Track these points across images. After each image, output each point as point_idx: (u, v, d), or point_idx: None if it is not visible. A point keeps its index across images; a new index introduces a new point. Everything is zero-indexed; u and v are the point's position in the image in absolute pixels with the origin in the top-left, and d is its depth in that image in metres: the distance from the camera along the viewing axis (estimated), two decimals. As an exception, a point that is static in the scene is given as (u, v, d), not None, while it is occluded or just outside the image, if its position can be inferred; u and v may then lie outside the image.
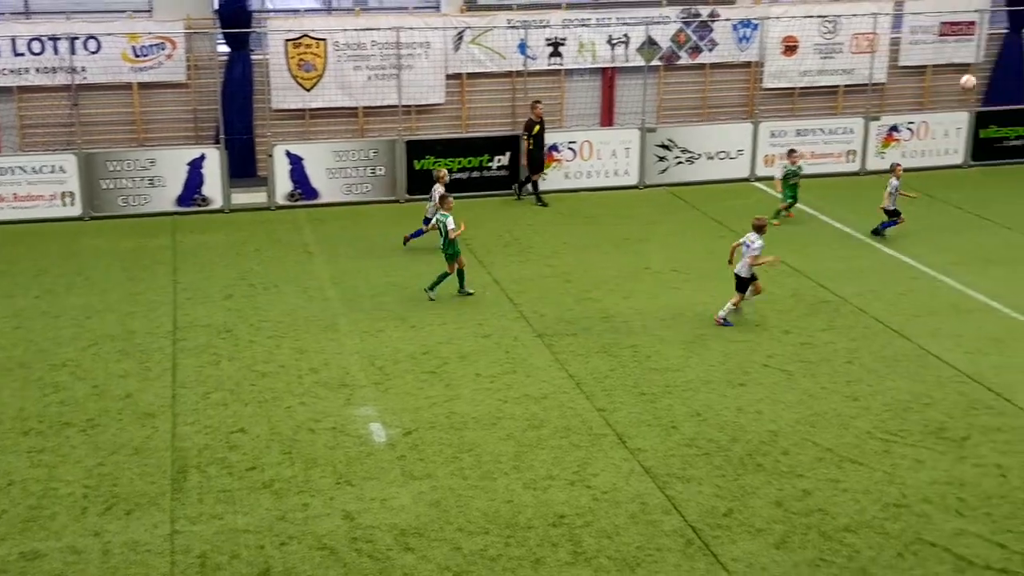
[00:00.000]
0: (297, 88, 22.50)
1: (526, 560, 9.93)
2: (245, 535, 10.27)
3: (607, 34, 23.80)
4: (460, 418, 12.63)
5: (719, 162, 23.09)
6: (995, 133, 24.36)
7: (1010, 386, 13.31)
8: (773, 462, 11.61)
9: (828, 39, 24.79)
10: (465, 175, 22.08)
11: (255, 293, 16.76)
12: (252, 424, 12.46)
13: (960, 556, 9.92)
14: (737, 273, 15.37)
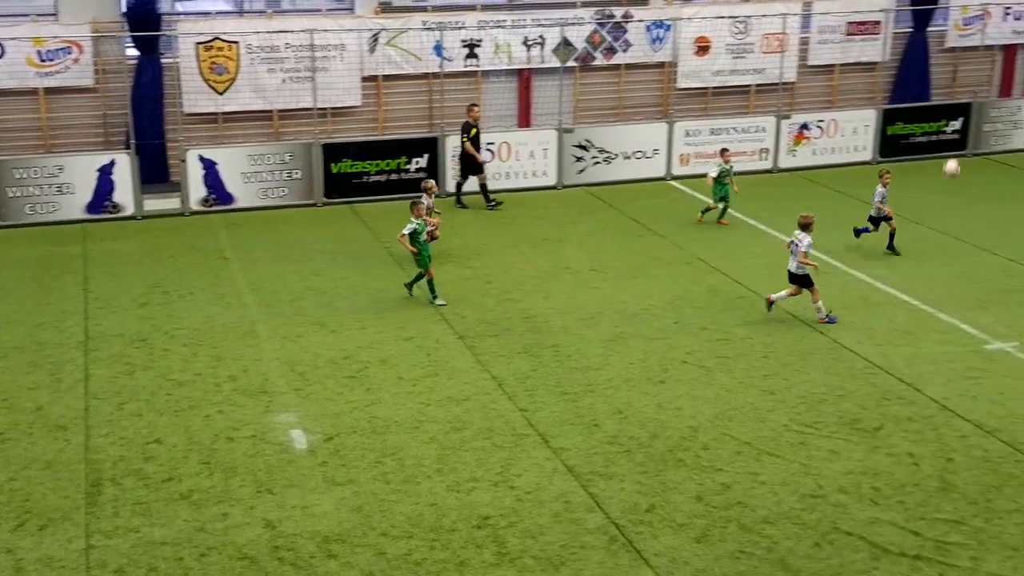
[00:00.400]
0: (209, 91, 22.16)
1: (451, 563, 9.91)
2: (163, 547, 10.07)
3: (523, 35, 23.88)
4: (382, 422, 12.55)
5: (636, 162, 23.31)
6: (902, 130, 25.00)
7: (920, 376, 13.66)
8: (693, 457, 11.76)
9: (739, 39, 25.20)
10: (383, 178, 21.96)
11: (170, 301, 16.46)
12: (168, 434, 12.23)
13: (875, 544, 10.15)
14: (791, 271, 15.50)
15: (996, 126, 25.70)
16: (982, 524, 10.45)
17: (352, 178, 21.79)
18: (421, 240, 16.06)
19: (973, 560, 9.89)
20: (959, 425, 12.41)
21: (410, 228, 16.03)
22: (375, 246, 19.14)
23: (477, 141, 21.48)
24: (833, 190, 22.71)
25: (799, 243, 15.32)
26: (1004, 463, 11.58)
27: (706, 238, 19.40)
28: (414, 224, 16.01)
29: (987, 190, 22.51)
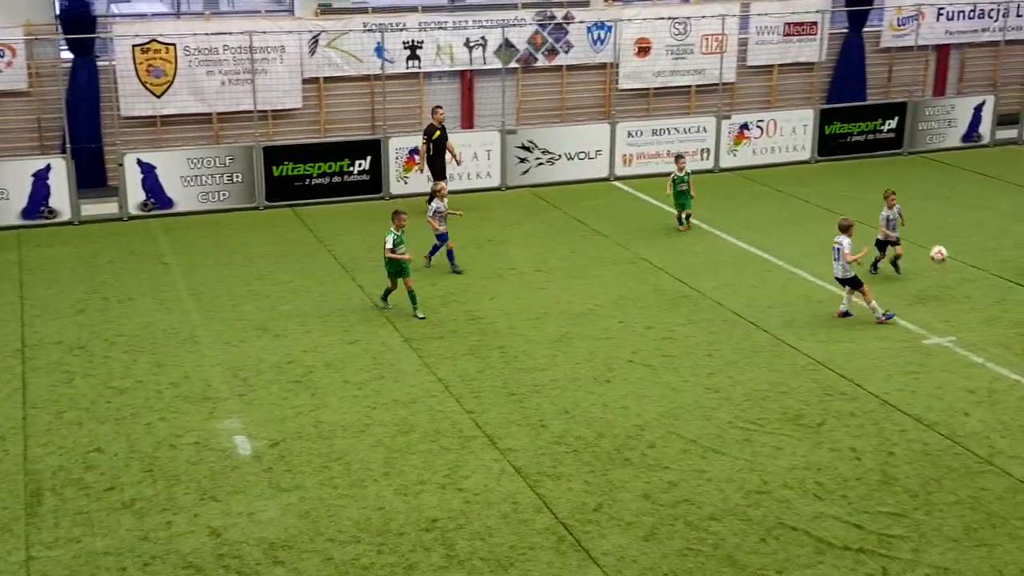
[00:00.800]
0: (147, 94, 21.84)
1: (399, 567, 9.86)
2: (105, 557, 9.90)
3: (464, 37, 23.85)
4: (328, 427, 12.45)
5: (579, 162, 23.40)
6: (839, 129, 25.37)
7: (861, 372, 13.87)
8: (640, 456, 11.82)
9: (679, 40, 25.40)
10: (325, 180, 21.81)
11: (109, 307, 16.19)
12: (109, 443, 12.03)
13: (820, 539, 10.28)
14: (838, 277, 15.52)
15: (931, 124, 26.18)
16: (923, 516, 10.63)
17: (294, 181, 21.61)
18: (402, 252, 15.56)
19: (915, 552, 10.06)
20: (899, 419, 12.62)
21: (390, 240, 15.47)
22: (318, 249, 18.99)
23: (441, 145, 20.93)
24: (773, 189, 22.98)
25: (840, 247, 15.29)
26: (943, 456, 11.79)
27: (650, 239, 19.53)
28: (395, 235, 15.47)
29: (922, 188, 22.92)
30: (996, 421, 12.56)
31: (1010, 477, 11.35)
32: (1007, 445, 12.01)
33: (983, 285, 17.00)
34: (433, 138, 20.78)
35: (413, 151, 22.24)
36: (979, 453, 11.83)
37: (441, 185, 17.85)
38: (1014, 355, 14.36)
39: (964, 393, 13.28)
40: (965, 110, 26.47)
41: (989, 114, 26.57)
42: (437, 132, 20.82)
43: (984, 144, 26.66)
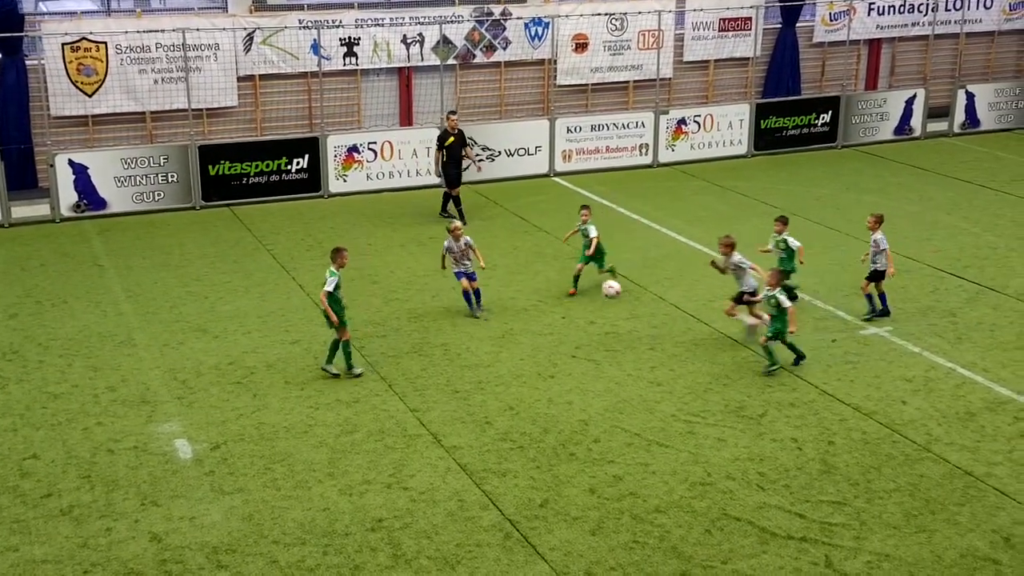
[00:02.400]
0: (78, 93, 21.42)
1: (345, 568, 9.78)
2: (44, 566, 9.69)
3: (401, 33, 23.73)
4: (270, 428, 12.31)
5: (519, 159, 23.40)
6: (775, 123, 25.67)
7: (801, 366, 14.01)
8: (585, 451, 11.85)
9: (616, 36, 25.51)
10: (263, 179, 21.56)
11: (42, 311, 15.84)
12: (45, 449, 11.77)
13: (763, 528, 10.38)
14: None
15: (864, 118, 26.60)
16: (864, 504, 10.79)
17: (231, 180, 21.34)
18: (339, 296, 13.54)
19: (856, 540, 10.21)
20: (839, 409, 12.80)
21: (332, 283, 13.37)
22: (257, 249, 18.77)
23: (456, 151, 20.16)
24: (711, 183, 23.18)
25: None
26: (882, 444, 11.99)
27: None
28: (336, 277, 13.44)
29: (856, 180, 23.29)
30: (932, 409, 12.80)
31: (947, 463, 11.57)
32: (943, 432, 12.24)
33: (917, 276, 17.32)
34: (446, 144, 20.14)
35: (352, 149, 22.08)
36: (917, 441, 12.05)
37: (456, 225, 15.72)
38: (948, 344, 14.64)
39: (901, 382, 13.51)
40: (897, 103, 26.94)
41: (920, 107, 27.08)
42: (451, 138, 20.16)
43: (916, 137, 27.16)
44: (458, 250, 15.54)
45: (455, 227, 15.64)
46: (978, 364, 14.00)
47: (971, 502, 10.85)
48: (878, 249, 15.31)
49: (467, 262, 15.62)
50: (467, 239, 15.56)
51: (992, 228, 19.86)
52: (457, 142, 20.26)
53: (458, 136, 20.28)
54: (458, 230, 15.63)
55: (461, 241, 15.51)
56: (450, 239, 15.57)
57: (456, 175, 20.28)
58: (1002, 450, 11.85)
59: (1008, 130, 28.09)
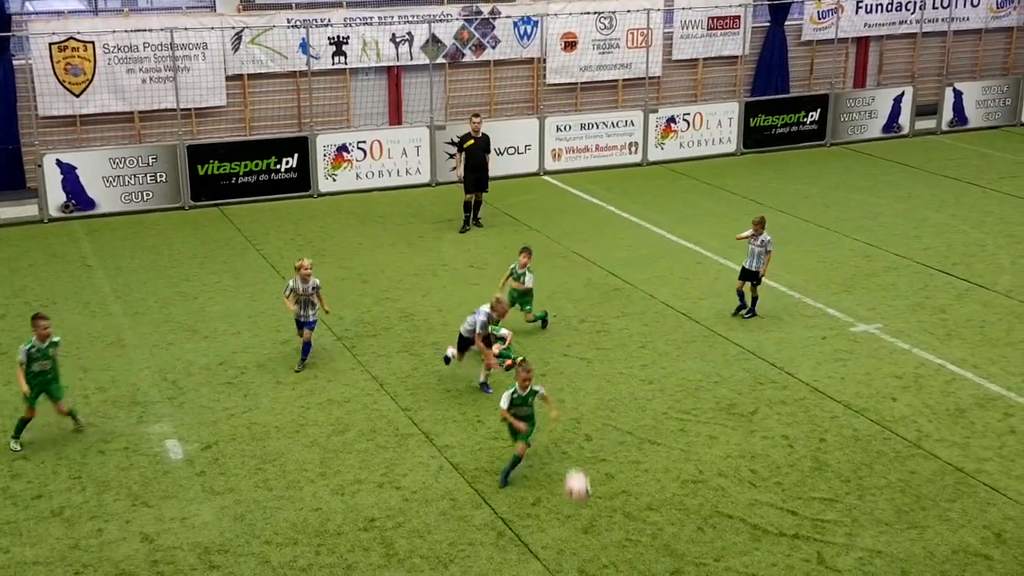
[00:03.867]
0: (65, 93, 21.32)
1: (338, 567, 9.77)
2: (35, 567, 9.66)
3: (390, 32, 23.69)
4: (261, 428, 12.28)
5: (508, 157, 23.37)
6: (764, 122, 25.70)
7: (791, 360, 14.06)
8: (577, 449, 11.85)
9: (605, 35, 25.51)
10: (252, 179, 21.50)
11: (30, 312, 15.68)
12: (36, 449, 11.72)
13: (755, 525, 10.40)
14: None
15: (852, 116, 26.65)
16: (855, 501, 10.82)
17: (220, 180, 21.27)
18: (34, 369, 11.54)
19: (848, 536, 10.23)
20: (830, 406, 12.82)
21: (24, 352, 11.50)
22: (246, 248, 18.72)
23: (475, 154, 19.44)
24: (701, 181, 23.21)
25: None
26: (873, 441, 12.02)
27: (581, 232, 19.58)
28: (34, 346, 11.49)
29: (845, 179, 23.34)
30: (923, 405, 12.84)
31: (938, 460, 11.61)
32: (934, 429, 12.28)
33: (907, 273, 17.37)
34: (465, 147, 19.64)
35: (341, 148, 22.04)
36: (907, 437, 12.08)
37: (304, 263, 13.64)
38: (938, 340, 14.69)
39: (891, 379, 13.55)
40: (885, 101, 27.01)
41: (908, 105, 27.15)
42: (470, 141, 19.60)
43: (904, 134, 27.23)
44: (303, 293, 13.56)
45: (302, 265, 13.57)
46: (968, 360, 14.05)
47: (962, 498, 10.88)
48: (765, 250, 15.09)
49: (311, 310, 13.66)
50: (316, 281, 13.66)
51: (980, 225, 19.93)
52: (478, 146, 19.62)
53: (480, 140, 19.63)
54: (306, 269, 13.53)
55: (309, 283, 13.57)
56: (296, 279, 13.59)
57: (474, 181, 19.61)
58: (992, 446, 11.90)
59: (996, 128, 28.19)
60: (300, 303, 13.68)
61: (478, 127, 19.69)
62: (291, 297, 13.71)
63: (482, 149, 19.71)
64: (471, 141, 19.65)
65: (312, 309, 13.76)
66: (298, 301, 13.67)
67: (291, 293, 13.70)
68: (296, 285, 13.64)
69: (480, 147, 19.68)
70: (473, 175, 19.67)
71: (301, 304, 13.68)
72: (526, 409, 11.17)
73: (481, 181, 19.75)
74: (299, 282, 13.62)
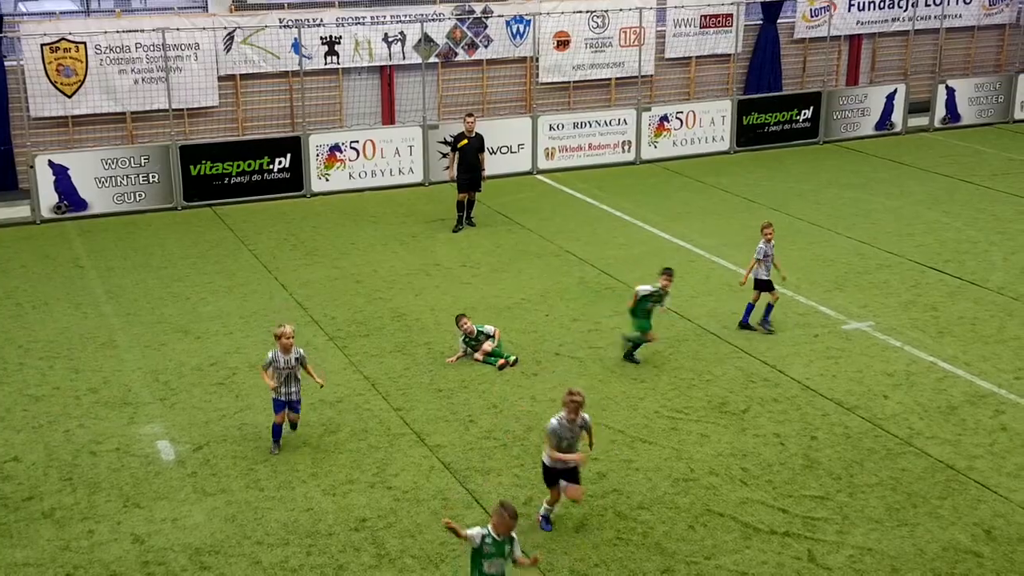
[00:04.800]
0: (57, 94, 21.29)
1: (329, 568, 9.77)
2: (26, 569, 9.65)
3: (383, 32, 23.68)
4: (253, 429, 12.27)
5: (502, 156, 23.37)
6: (757, 119, 25.72)
7: (782, 358, 14.07)
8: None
9: (598, 34, 25.51)
10: (245, 179, 21.48)
11: (23, 312, 15.75)
12: (27, 451, 11.71)
13: (746, 524, 10.41)
14: None
15: (845, 113, 26.68)
16: (846, 499, 10.83)
17: (213, 180, 21.25)
18: None
19: (839, 534, 10.25)
20: (821, 404, 12.84)
21: None
22: (239, 249, 18.70)
23: (469, 153, 19.36)
24: (694, 180, 23.22)
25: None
26: (864, 438, 12.03)
27: (574, 231, 19.59)
28: None
29: (837, 176, 23.36)
30: (914, 403, 12.86)
31: (929, 457, 11.63)
32: (925, 426, 12.29)
33: (899, 270, 17.39)
34: (459, 146, 19.52)
35: (334, 148, 22.02)
36: (898, 435, 12.10)
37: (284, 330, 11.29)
38: (930, 338, 14.71)
39: (883, 376, 13.56)
40: (878, 99, 27.03)
41: (901, 102, 27.17)
42: (464, 140, 19.47)
43: (897, 132, 27.26)
44: (285, 366, 11.28)
45: (283, 332, 11.16)
46: (959, 358, 14.07)
47: (953, 495, 10.90)
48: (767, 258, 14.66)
49: (294, 386, 11.42)
50: (300, 352, 11.34)
51: (973, 223, 19.96)
52: (472, 145, 19.53)
53: (474, 140, 19.54)
54: (287, 337, 11.13)
55: (292, 354, 11.26)
56: (276, 350, 11.21)
57: (466, 181, 19.55)
58: (983, 443, 11.92)
59: (988, 125, 28.23)
60: (281, 378, 11.27)
61: (472, 126, 19.67)
62: (270, 371, 11.27)
63: (476, 148, 19.68)
64: (464, 141, 19.60)
65: (296, 384, 11.36)
66: (279, 376, 11.31)
67: (270, 367, 11.28)
68: (276, 357, 11.23)
69: (474, 147, 19.65)
70: (467, 175, 19.64)
71: (283, 379, 11.24)
72: None
73: (474, 180, 19.77)
74: (279, 353, 11.21)
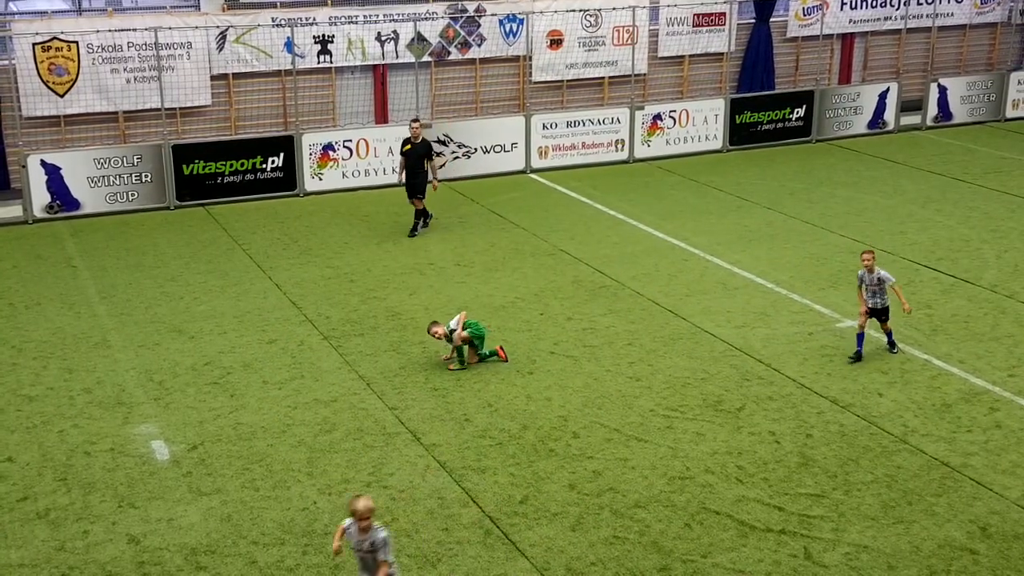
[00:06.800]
0: (49, 93, 21.22)
1: (325, 567, 9.75)
2: (21, 570, 9.61)
3: (376, 31, 23.65)
4: (248, 428, 12.25)
5: (495, 155, 23.37)
6: (749, 118, 25.75)
7: (778, 356, 14.09)
8: (564, 446, 11.85)
9: (591, 32, 25.52)
10: (238, 178, 21.43)
11: (15, 313, 15.70)
12: (20, 451, 11.67)
13: (742, 522, 10.42)
14: None
15: (837, 112, 26.72)
16: (842, 496, 10.84)
17: (205, 179, 21.20)
18: None
19: (835, 532, 10.26)
20: (816, 402, 12.85)
21: None
22: (232, 248, 18.66)
23: (412, 158, 18.97)
24: (687, 178, 23.23)
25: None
26: (859, 436, 12.05)
27: (568, 230, 19.58)
28: None
29: (830, 175, 23.40)
30: (908, 400, 12.88)
31: (924, 455, 11.65)
32: (920, 424, 12.31)
33: (892, 268, 17.31)
34: (402, 151, 19.19)
35: (327, 147, 21.99)
36: (893, 432, 12.12)
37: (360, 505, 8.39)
38: (923, 336, 14.73)
39: (877, 374, 13.58)
40: (870, 97, 27.07)
41: (893, 101, 27.22)
42: (407, 146, 19.08)
43: (889, 130, 27.30)
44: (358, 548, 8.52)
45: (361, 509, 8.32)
46: (953, 355, 14.10)
47: (948, 493, 10.92)
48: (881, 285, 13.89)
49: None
50: (383, 534, 8.44)
51: (965, 221, 20.01)
52: (415, 151, 19.04)
53: (419, 146, 19.05)
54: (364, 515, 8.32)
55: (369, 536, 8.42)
56: (351, 523, 8.46)
57: (411, 186, 19.14)
58: (978, 440, 11.94)
59: (980, 123, 28.30)
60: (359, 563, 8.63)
61: (418, 132, 19.12)
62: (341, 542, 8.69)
63: (420, 155, 19.06)
64: (408, 146, 19.11)
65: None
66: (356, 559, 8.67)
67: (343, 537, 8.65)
68: (351, 530, 8.53)
69: (418, 152, 19.04)
70: (410, 180, 19.14)
71: (360, 564, 8.64)
72: None
73: (415, 187, 19.13)
74: (355, 530, 8.49)
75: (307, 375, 13.62)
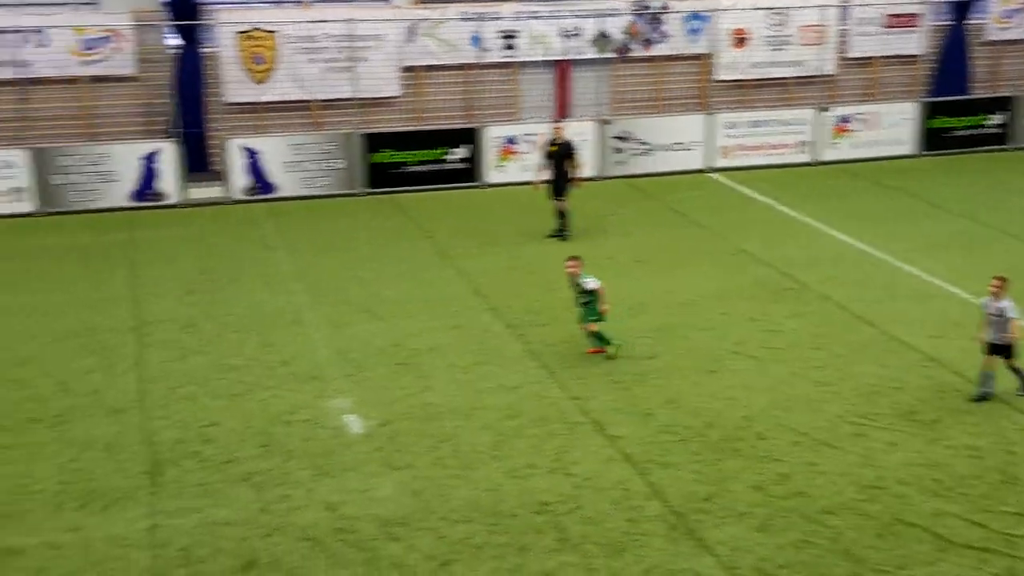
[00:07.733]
0: (248, 81, 22.20)
1: (511, 547, 9.89)
2: (227, 528, 10.11)
3: (559, 26, 23.82)
4: (435, 409, 12.54)
5: (675, 153, 23.22)
6: (943, 123, 24.79)
7: (975, 370, 13.50)
8: (749, 447, 11.69)
9: (777, 31, 25.05)
10: (423, 168, 21.95)
11: (217, 288, 16.50)
12: (225, 418, 12.27)
13: (940, 536, 10.06)
14: None
15: (1037, 120, 25.48)
16: (1049, 516, 10.36)
17: (391, 168, 21.80)
18: None
19: (1041, 552, 9.81)
20: (1018, 419, 12.28)
21: None
22: (418, 236, 19.12)
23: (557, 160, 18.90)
24: (875, 183, 22.55)
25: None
26: (1066, 456, 11.47)
27: (748, 230, 19.29)
28: None
29: (1030, 185, 22.34)
30: (1120, 422, 12.18)
31: None
32: None
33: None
34: (548, 152, 19.13)
35: (509, 140, 22.28)
36: (1103, 454, 11.48)
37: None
38: None
39: (1085, 393, 12.89)
40: (1074, 105, 25.71)
41: (1100, 109, 25.77)
42: (552, 147, 19.05)
43: (1094, 140, 25.86)
44: None
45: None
46: None
47: None
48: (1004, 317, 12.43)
49: None
50: None
51: None
52: (560, 152, 18.95)
53: (561, 147, 18.93)
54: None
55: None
56: None
57: (555, 187, 19.07)
58: None
59: None
60: None
61: (560, 133, 19.08)
62: None
63: (561, 156, 18.95)
64: (554, 147, 19.00)
65: None
66: None
67: None
68: None
69: (559, 154, 18.95)
70: (552, 182, 19.10)
71: None
72: None
73: (557, 188, 19.06)
74: None
75: (492, 361, 13.84)
